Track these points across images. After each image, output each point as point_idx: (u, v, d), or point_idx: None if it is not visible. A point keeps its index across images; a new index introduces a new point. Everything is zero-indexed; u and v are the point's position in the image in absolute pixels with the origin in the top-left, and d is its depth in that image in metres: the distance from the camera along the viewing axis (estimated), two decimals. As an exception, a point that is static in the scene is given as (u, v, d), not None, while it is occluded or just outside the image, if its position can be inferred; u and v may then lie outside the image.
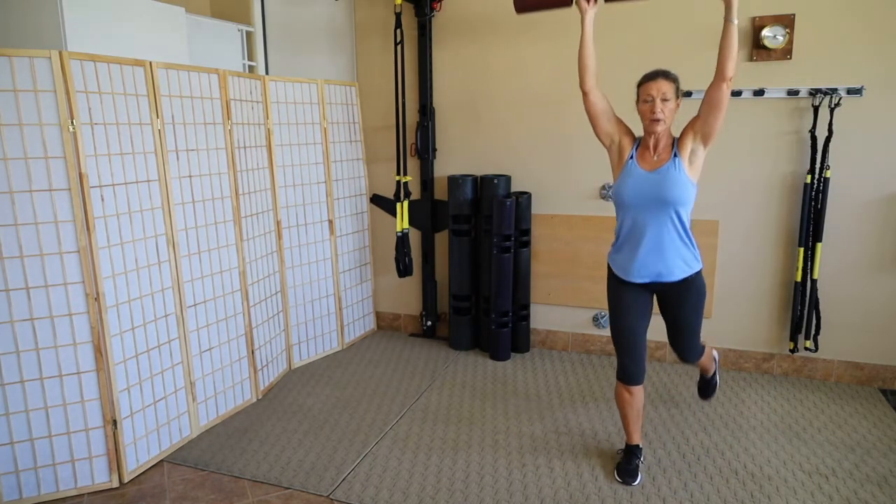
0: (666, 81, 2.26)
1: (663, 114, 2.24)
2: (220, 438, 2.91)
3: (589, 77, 2.35)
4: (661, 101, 2.24)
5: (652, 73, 2.30)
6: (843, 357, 3.38)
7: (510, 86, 3.76)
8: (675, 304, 2.45)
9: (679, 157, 2.28)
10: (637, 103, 2.33)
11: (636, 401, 2.49)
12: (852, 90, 3.10)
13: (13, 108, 2.24)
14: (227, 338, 3.09)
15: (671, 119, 2.28)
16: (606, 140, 2.43)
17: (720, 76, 2.18)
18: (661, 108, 2.24)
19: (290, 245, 3.64)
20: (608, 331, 3.77)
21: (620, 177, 2.37)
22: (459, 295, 3.91)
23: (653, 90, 2.25)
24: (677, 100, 2.28)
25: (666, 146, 2.32)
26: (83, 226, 2.39)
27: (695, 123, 2.29)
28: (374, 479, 2.56)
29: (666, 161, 2.29)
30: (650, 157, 2.33)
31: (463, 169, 3.96)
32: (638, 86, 2.33)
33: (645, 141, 2.35)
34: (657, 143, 2.32)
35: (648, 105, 2.27)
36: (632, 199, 2.32)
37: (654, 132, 2.29)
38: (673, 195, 2.25)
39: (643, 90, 2.30)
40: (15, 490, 2.41)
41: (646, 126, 2.31)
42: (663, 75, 2.28)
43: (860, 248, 3.26)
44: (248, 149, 3.23)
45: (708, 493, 2.41)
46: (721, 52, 2.16)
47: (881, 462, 2.61)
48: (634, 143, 2.39)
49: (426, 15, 3.78)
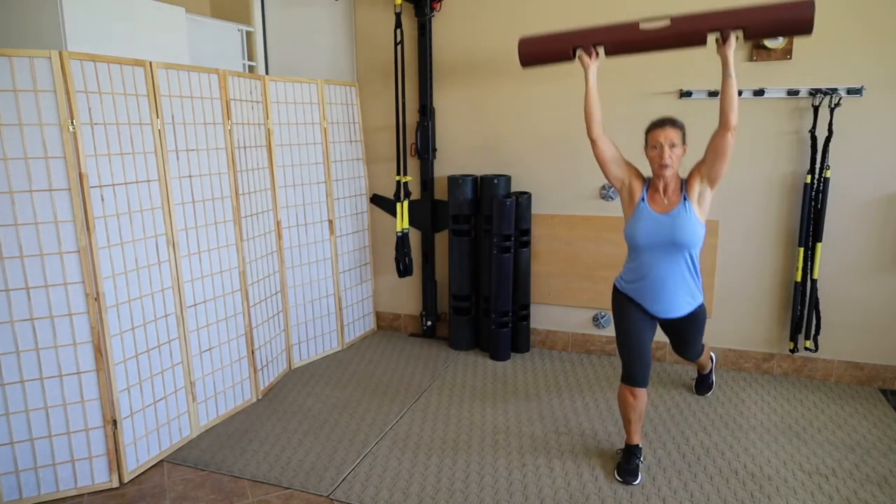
0: (673, 129, 2.37)
1: (671, 160, 2.36)
2: (220, 438, 2.91)
3: (595, 126, 2.46)
4: (668, 147, 2.35)
5: (660, 121, 2.41)
6: (843, 357, 3.38)
7: (510, 85, 3.76)
8: (679, 331, 2.67)
9: (689, 200, 2.39)
10: (646, 149, 2.44)
11: (639, 404, 2.50)
12: (852, 90, 3.10)
13: (13, 108, 2.24)
14: (227, 338, 3.09)
15: (678, 164, 2.40)
16: (617, 183, 2.53)
17: (724, 127, 2.29)
18: (668, 155, 2.35)
19: (290, 245, 3.64)
20: (608, 331, 3.79)
21: (632, 219, 2.47)
22: (459, 295, 3.91)
23: (661, 137, 2.36)
24: (684, 145, 2.41)
25: (675, 189, 2.43)
26: (83, 226, 2.39)
27: (701, 168, 2.40)
28: (374, 479, 2.56)
29: (676, 204, 2.40)
30: (661, 199, 2.44)
31: (463, 169, 3.96)
32: (646, 132, 2.44)
33: (654, 183, 2.45)
34: (666, 186, 2.43)
35: (657, 151, 2.38)
36: (645, 241, 2.42)
37: (663, 176, 2.40)
38: (685, 238, 2.37)
39: (651, 137, 2.40)
40: (15, 490, 2.41)
41: (655, 170, 2.42)
42: (670, 123, 2.39)
43: (860, 248, 3.26)
44: (248, 149, 3.23)
45: (708, 493, 2.41)
46: (723, 105, 2.28)
47: (881, 462, 2.61)
48: (644, 184, 2.49)
49: (426, 15, 3.78)
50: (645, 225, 2.42)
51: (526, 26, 3.65)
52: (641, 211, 2.44)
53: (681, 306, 2.48)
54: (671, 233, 2.37)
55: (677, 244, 2.37)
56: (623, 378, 2.51)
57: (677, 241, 2.37)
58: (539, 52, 2.51)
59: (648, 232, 2.41)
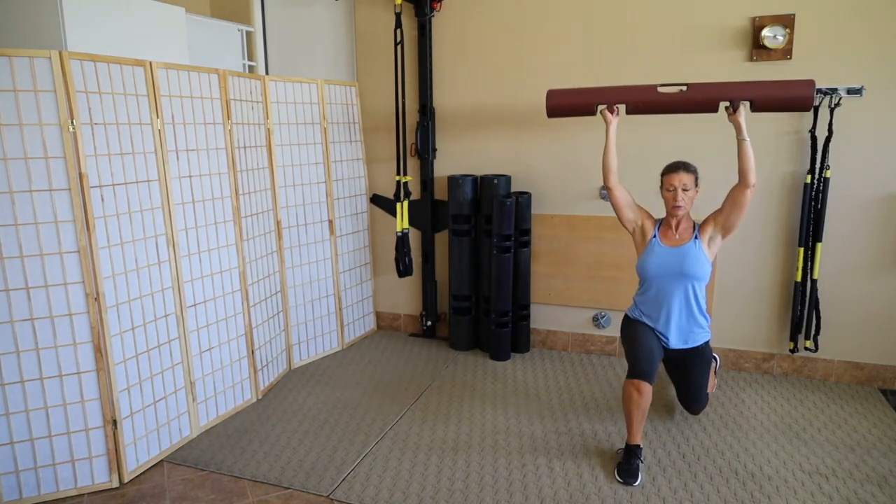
0: (686, 174, 2.59)
1: (684, 201, 2.59)
2: (220, 438, 2.91)
3: (612, 176, 2.66)
4: (682, 191, 2.58)
5: (674, 166, 2.62)
6: (843, 357, 3.38)
7: (510, 85, 3.76)
8: (684, 367, 2.79)
9: (700, 240, 2.62)
10: (661, 190, 2.66)
11: (644, 400, 2.51)
12: (852, 90, 3.10)
13: (13, 108, 2.24)
14: (227, 338, 3.09)
15: (690, 205, 2.63)
16: (630, 226, 2.75)
17: (745, 184, 2.50)
18: (682, 197, 2.58)
19: (290, 245, 3.64)
20: (608, 331, 3.79)
21: (644, 253, 2.70)
22: (459, 295, 3.91)
23: (675, 181, 2.59)
24: (696, 188, 2.62)
25: (686, 228, 2.66)
26: (83, 226, 2.39)
27: (717, 217, 2.62)
28: (374, 479, 2.56)
29: (687, 240, 2.63)
30: (672, 235, 2.66)
31: (463, 169, 3.96)
32: (662, 175, 2.65)
33: (667, 221, 2.68)
34: (678, 224, 2.66)
35: (671, 194, 2.61)
36: (655, 271, 2.65)
37: (677, 216, 2.64)
38: (693, 270, 2.59)
39: (666, 180, 2.62)
40: (15, 490, 2.41)
41: (669, 210, 2.65)
42: (684, 168, 2.60)
43: (860, 248, 3.26)
44: (248, 149, 3.23)
45: (708, 493, 2.41)
46: (742, 166, 2.48)
47: (881, 462, 2.61)
48: (656, 224, 2.72)
49: (426, 15, 3.78)
50: (656, 258, 2.65)
51: (526, 26, 3.65)
52: (653, 245, 2.67)
53: (689, 337, 2.69)
54: (680, 264, 2.59)
55: (685, 275, 2.59)
56: (629, 373, 2.56)
57: (685, 271, 2.58)
58: (565, 105, 2.73)
59: (658, 263, 2.64)
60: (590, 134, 3.58)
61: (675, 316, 2.66)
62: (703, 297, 2.66)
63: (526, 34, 3.67)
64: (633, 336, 2.71)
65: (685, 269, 2.59)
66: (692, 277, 2.59)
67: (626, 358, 2.67)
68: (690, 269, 2.58)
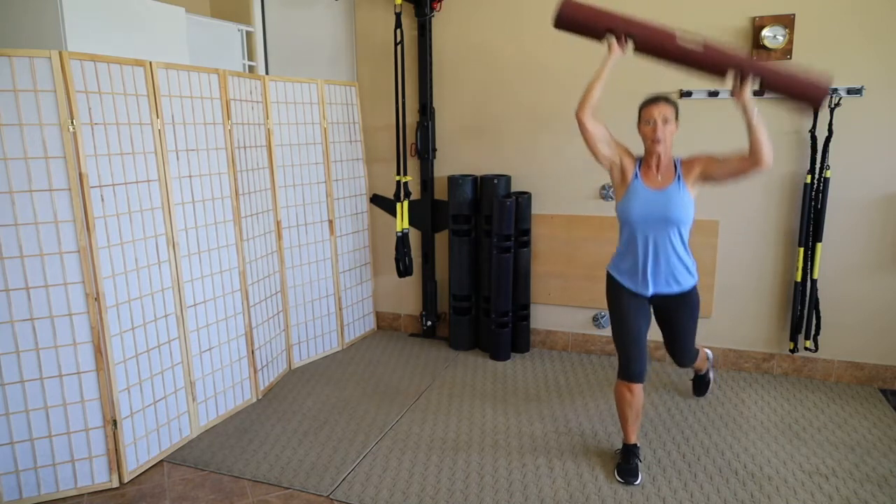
0: (667, 105, 2.39)
1: (664, 135, 2.37)
2: (220, 438, 2.91)
3: (587, 109, 2.41)
4: (662, 123, 2.36)
5: (653, 98, 2.42)
6: (843, 357, 3.38)
7: (510, 85, 3.76)
8: (673, 315, 2.59)
9: (683, 181, 2.42)
10: (639, 125, 2.45)
11: (636, 400, 2.50)
12: (852, 90, 3.10)
13: (13, 108, 2.24)
14: (227, 338, 3.09)
15: (671, 141, 2.41)
16: (607, 163, 2.52)
17: (758, 164, 2.26)
18: (661, 130, 2.36)
19: (290, 245, 3.64)
20: (608, 331, 3.79)
21: (626, 196, 2.47)
22: (459, 295, 3.91)
23: (654, 113, 2.37)
24: (676, 122, 2.41)
25: (668, 166, 2.44)
26: (83, 226, 2.39)
27: (709, 165, 2.39)
28: (374, 479, 2.56)
29: (670, 182, 2.42)
30: (654, 175, 2.44)
31: (463, 169, 3.96)
32: (640, 109, 2.44)
33: (647, 160, 2.46)
34: (659, 163, 2.44)
35: (650, 127, 2.39)
36: (638, 217, 2.43)
37: (656, 152, 2.41)
38: (678, 215, 2.39)
39: (645, 112, 2.41)
40: (15, 490, 2.41)
41: (647, 146, 2.43)
42: (664, 99, 2.40)
43: (860, 248, 3.26)
44: (248, 149, 3.23)
45: (708, 493, 2.41)
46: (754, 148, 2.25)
47: (881, 462, 2.61)
48: (636, 162, 2.49)
49: (426, 15, 3.78)
50: (639, 202, 2.43)
51: (526, 26, 3.65)
52: (636, 187, 2.44)
53: (670, 285, 2.48)
54: (665, 210, 2.39)
55: (670, 220, 2.39)
56: (619, 373, 2.52)
57: (670, 217, 2.38)
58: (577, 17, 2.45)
59: (642, 209, 2.42)
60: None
61: (660, 260, 2.44)
62: (687, 238, 2.46)
63: (526, 34, 3.67)
64: (619, 318, 2.53)
65: (669, 214, 2.38)
66: (677, 223, 2.39)
67: (615, 346, 2.57)
68: (675, 214, 2.38)
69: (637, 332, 2.50)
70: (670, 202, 2.38)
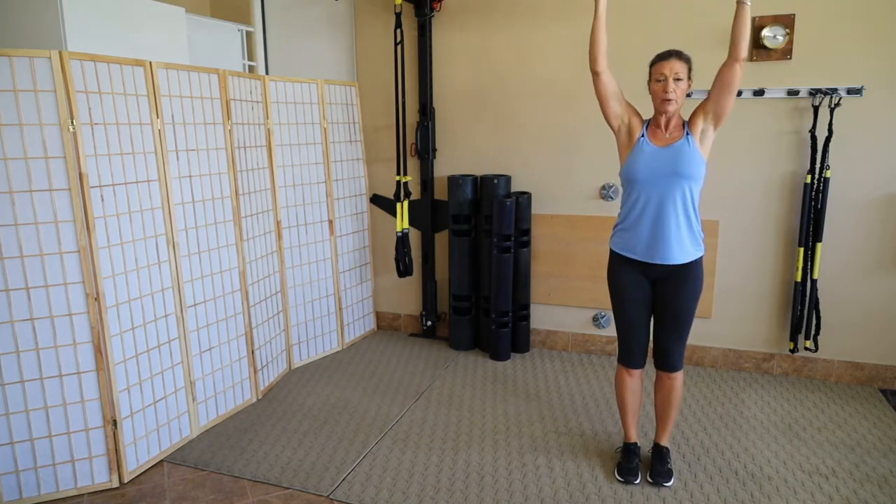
0: (679, 61, 2.25)
1: (675, 94, 2.24)
2: (220, 438, 2.91)
3: (601, 58, 2.32)
4: (673, 80, 2.23)
5: (665, 53, 2.29)
6: (843, 357, 3.38)
7: (510, 85, 3.76)
8: (673, 289, 2.38)
9: (691, 136, 2.29)
10: (649, 83, 2.33)
11: (636, 383, 2.50)
12: (852, 90, 3.10)
13: (13, 108, 2.24)
14: (227, 338, 3.09)
15: (682, 99, 2.28)
16: (616, 122, 2.40)
17: (734, 57, 2.19)
18: (673, 88, 2.23)
19: (290, 245, 3.64)
20: (608, 331, 3.79)
21: (632, 154, 2.35)
22: (459, 295, 3.91)
23: (666, 69, 2.25)
24: (689, 80, 2.28)
25: (677, 125, 2.32)
26: (83, 226, 2.39)
27: (706, 105, 2.30)
28: (374, 479, 2.56)
29: (679, 139, 2.30)
30: (662, 134, 2.33)
31: (463, 169, 3.96)
32: (651, 65, 2.32)
33: (656, 120, 2.34)
34: (668, 123, 2.32)
35: (661, 84, 2.26)
36: (644, 174, 2.30)
37: (666, 111, 2.28)
38: (687, 170, 2.25)
39: (656, 69, 2.28)
40: (15, 490, 2.41)
41: (657, 105, 2.31)
42: (676, 55, 2.26)
43: (860, 248, 3.26)
44: (248, 149, 3.23)
45: (708, 493, 2.41)
46: (734, 34, 2.17)
47: (881, 462, 2.61)
48: (644, 124, 2.38)
49: (426, 15, 3.78)
50: (645, 158, 2.31)
51: (526, 26, 3.65)
52: (641, 145, 2.33)
53: (679, 251, 2.31)
54: (673, 164, 2.26)
55: (679, 174, 2.25)
56: (619, 358, 2.51)
57: (679, 171, 2.25)
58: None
59: (648, 165, 2.29)
60: (590, 133, 3.58)
61: (668, 222, 2.28)
62: (698, 199, 2.32)
63: (526, 34, 3.67)
64: (619, 299, 2.44)
65: (679, 168, 2.24)
66: (687, 178, 2.25)
67: (617, 331, 2.51)
68: (684, 167, 2.24)
69: (638, 315, 2.43)
70: (679, 155, 2.26)
